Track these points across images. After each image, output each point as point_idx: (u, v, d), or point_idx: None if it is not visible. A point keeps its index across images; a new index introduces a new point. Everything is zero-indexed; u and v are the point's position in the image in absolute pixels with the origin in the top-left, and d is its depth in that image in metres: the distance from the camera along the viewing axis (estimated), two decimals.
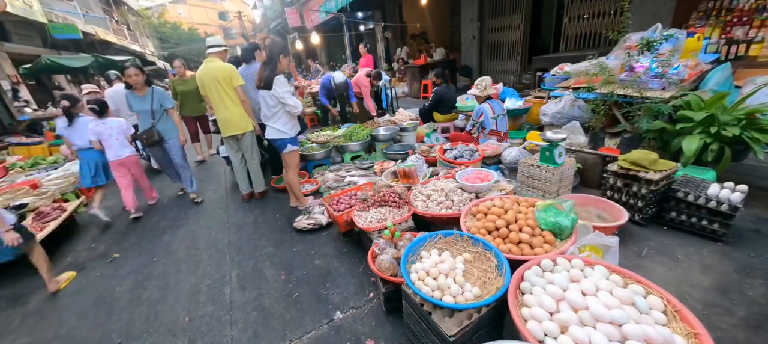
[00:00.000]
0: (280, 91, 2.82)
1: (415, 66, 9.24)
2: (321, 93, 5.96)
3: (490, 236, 1.82)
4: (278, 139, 3.07)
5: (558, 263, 1.50)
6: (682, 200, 2.42)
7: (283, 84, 2.84)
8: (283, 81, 2.84)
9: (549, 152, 2.80)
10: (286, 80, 2.88)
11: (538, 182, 2.92)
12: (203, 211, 3.85)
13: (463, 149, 3.31)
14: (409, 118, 5.71)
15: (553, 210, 1.86)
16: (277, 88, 2.82)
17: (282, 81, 2.84)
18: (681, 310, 1.21)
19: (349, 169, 4.30)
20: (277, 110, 2.95)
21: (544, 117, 3.94)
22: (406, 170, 2.77)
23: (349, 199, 2.82)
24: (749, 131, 2.47)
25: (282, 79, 2.85)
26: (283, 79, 2.86)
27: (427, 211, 2.33)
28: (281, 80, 2.84)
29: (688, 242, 2.35)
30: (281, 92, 2.82)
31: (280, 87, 2.82)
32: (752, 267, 2.08)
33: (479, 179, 2.43)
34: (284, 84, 2.85)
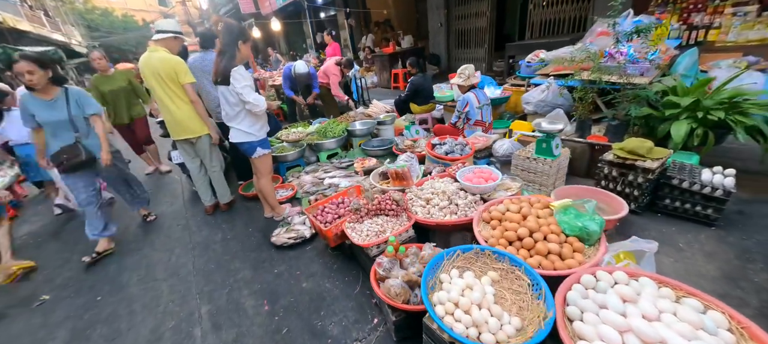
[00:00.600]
0: (238, 86, 2.36)
1: (384, 55, 8.90)
2: (285, 85, 5.44)
3: (512, 247, 1.61)
4: (245, 142, 2.63)
5: (599, 277, 1.33)
6: (677, 187, 2.42)
7: (243, 77, 2.38)
8: (243, 74, 2.38)
9: (546, 143, 2.68)
10: (246, 73, 2.42)
11: (535, 176, 2.81)
12: (157, 230, 3.28)
13: (453, 143, 3.10)
14: (385, 110, 5.42)
15: (573, 212, 1.70)
16: (236, 82, 2.36)
17: (242, 74, 2.38)
18: (748, 327, 1.07)
19: (327, 169, 3.92)
20: (240, 108, 2.50)
21: (528, 106, 3.86)
22: (399, 171, 2.49)
23: (336, 208, 2.48)
24: (732, 114, 2.52)
25: (242, 71, 2.39)
26: (243, 72, 2.40)
27: (430, 218, 2.08)
28: (241, 73, 2.38)
29: (685, 230, 2.35)
30: (240, 87, 2.37)
31: (238, 81, 2.36)
32: (749, 250, 2.10)
33: (482, 179, 2.22)
34: (244, 77, 2.39)
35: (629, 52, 3.36)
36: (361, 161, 4.01)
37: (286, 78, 5.34)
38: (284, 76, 5.33)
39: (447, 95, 4.84)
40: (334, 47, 8.15)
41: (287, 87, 5.46)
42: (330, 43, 8.15)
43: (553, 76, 3.81)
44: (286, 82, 5.40)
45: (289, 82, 5.39)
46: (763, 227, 2.29)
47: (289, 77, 5.24)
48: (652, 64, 3.26)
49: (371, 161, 3.99)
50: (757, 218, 2.36)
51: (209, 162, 3.20)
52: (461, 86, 3.65)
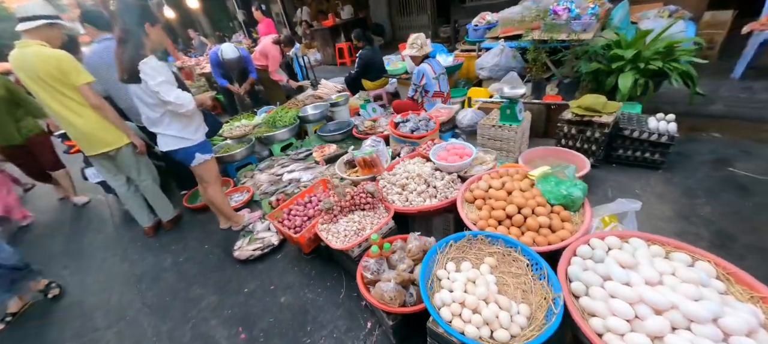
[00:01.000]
0: (152, 82, 1.88)
1: (324, 28, 8.30)
2: (215, 73, 4.74)
3: (502, 227, 1.55)
4: (179, 149, 2.20)
5: (594, 245, 1.32)
6: (628, 137, 2.57)
7: (157, 71, 1.89)
8: (155, 67, 1.89)
9: (510, 109, 2.67)
10: (161, 64, 1.94)
11: (501, 143, 2.81)
12: (87, 266, 2.74)
13: (417, 119, 2.96)
14: (336, 90, 5.08)
15: (554, 179, 1.68)
16: (149, 78, 1.88)
17: (154, 67, 1.89)
18: (734, 273, 1.13)
19: (283, 163, 3.58)
20: (162, 110, 2.05)
21: (482, 71, 3.83)
22: (367, 158, 2.30)
23: (304, 208, 2.24)
24: (668, 62, 2.70)
25: (154, 63, 1.89)
26: (156, 64, 1.90)
27: (410, 206, 1.95)
28: (153, 66, 1.88)
29: (637, 176, 2.53)
30: (155, 84, 1.89)
31: (152, 77, 1.88)
32: (692, 188, 2.33)
33: (457, 156, 2.13)
34: (158, 71, 1.90)
35: (572, 9, 3.44)
36: (319, 149, 3.72)
37: (214, 65, 4.63)
38: (212, 62, 4.61)
39: (399, 67, 4.65)
40: (267, 24, 7.20)
41: (218, 75, 4.76)
42: (261, 19, 7.17)
43: (503, 39, 3.80)
44: (216, 69, 4.69)
45: (220, 70, 4.70)
46: (699, 164, 2.55)
47: (218, 63, 4.55)
48: (593, 19, 3.37)
49: (331, 148, 3.73)
50: (693, 157, 2.62)
51: (138, 176, 2.69)
52: (414, 56, 3.47)
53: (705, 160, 2.58)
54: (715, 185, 2.31)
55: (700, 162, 2.57)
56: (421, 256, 1.68)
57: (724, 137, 2.82)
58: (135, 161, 2.62)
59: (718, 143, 2.77)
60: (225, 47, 4.28)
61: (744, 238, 1.87)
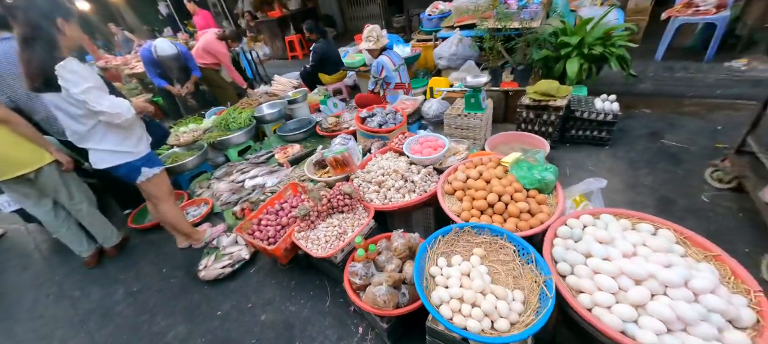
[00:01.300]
0: (76, 89, 1.58)
1: (271, 20, 7.81)
2: (150, 73, 4.18)
3: (485, 216, 1.59)
4: (120, 165, 1.91)
5: (571, 225, 1.40)
6: (579, 118, 2.79)
7: (81, 75, 1.60)
8: (77, 70, 1.59)
9: (474, 98, 2.73)
10: (84, 67, 1.64)
11: (468, 131, 2.88)
12: (15, 311, 2.31)
13: (383, 113, 2.92)
14: (291, 86, 4.83)
15: (526, 165, 1.75)
16: (70, 84, 1.57)
17: (76, 70, 1.58)
18: (690, 236, 1.27)
19: (243, 169, 3.32)
20: (92, 122, 1.74)
21: (441, 60, 3.88)
22: (339, 158, 2.21)
23: (276, 217, 2.09)
24: (607, 47, 2.96)
25: (75, 65, 1.59)
26: (77, 66, 1.60)
27: (390, 203, 1.92)
28: (74, 69, 1.58)
29: (588, 153, 2.77)
30: (79, 92, 1.59)
31: (75, 83, 1.58)
32: (634, 160, 2.60)
33: (431, 148, 2.13)
34: (83, 74, 1.61)
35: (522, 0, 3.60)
36: (282, 150, 3.53)
37: (149, 63, 4.06)
38: (145, 61, 4.04)
39: (357, 59, 4.54)
40: (204, 16, 6.35)
41: (154, 75, 4.19)
42: (196, 11, 6.24)
43: (458, 28, 3.87)
44: (151, 68, 4.11)
45: (156, 69, 4.14)
46: (636, 138, 2.86)
47: (153, 62, 4.02)
48: (539, 7, 3.57)
49: (294, 148, 3.55)
50: (631, 132, 2.93)
51: (69, 200, 2.31)
52: (372, 49, 3.40)
53: (641, 134, 2.90)
54: (652, 157, 2.60)
55: (638, 136, 2.87)
56: (407, 254, 1.67)
57: (654, 112, 3.19)
58: (62, 182, 2.24)
59: (649, 118, 3.12)
60: (159, 43, 3.79)
61: (681, 201, 2.14)
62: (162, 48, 3.70)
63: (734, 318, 1.01)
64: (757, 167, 1.92)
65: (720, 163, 2.20)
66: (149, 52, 3.86)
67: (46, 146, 2.13)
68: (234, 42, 4.63)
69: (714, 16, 3.35)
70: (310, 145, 3.67)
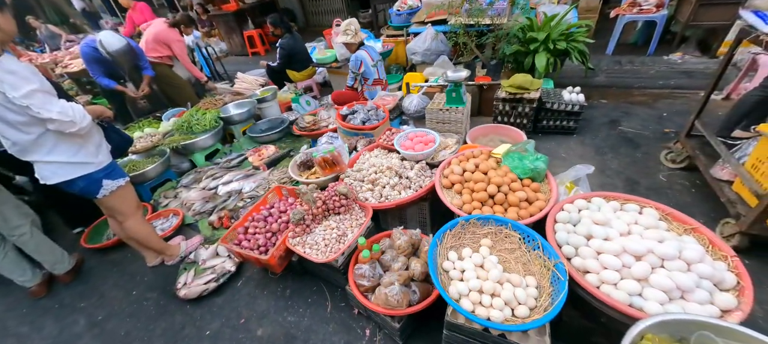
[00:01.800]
0: (16, 93, 1.34)
1: (227, 13, 7.30)
2: (94, 72, 3.65)
3: (487, 207, 1.63)
4: (76, 179, 1.65)
5: (568, 210, 1.48)
6: (549, 109, 2.96)
7: (21, 75, 1.36)
8: (16, 68, 1.35)
9: (455, 93, 2.78)
10: (24, 65, 1.40)
11: (449, 125, 2.93)
12: None
13: (365, 109, 2.87)
14: (258, 84, 4.57)
15: (517, 155, 1.82)
16: (9, 87, 1.33)
17: (13, 69, 1.35)
18: (671, 212, 1.41)
19: (214, 174, 3.08)
20: (39, 130, 1.49)
21: (415, 56, 3.91)
22: (328, 158, 2.13)
23: (265, 224, 1.96)
24: (570, 43, 3.18)
25: (13, 64, 1.36)
26: (16, 66, 1.36)
27: (388, 201, 1.89)
28: (10, 67, 1.34)
29: (559, 142, 2.96)
30: (20, 95, 1.34)
31: (14, 86, 1.33)
32: (600, 146, 2.83)
33: (422, 143, 2.13)
34: (24, 74, 1.37)
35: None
36: (256, 153, 3.32)
37: (92, 61, 3.53)
38: (88, 58, 3.53)
39: (328, 55, 4.41)
40: (142, 9, 5.26)
41: (99, 74, 3.66)
42: (132, 5, 5.19)
43: (430, 24, 3.92)
44: (96, 66, 3.58)
45: (102, 67, 3.66)
46: (598, 126, 3.11)
47: (97, 59, 3.50)
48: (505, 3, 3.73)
49: (269, 149, 3.37)
50: (593, 120, 3.18)
51: (5, 224, 1.96)
52: (350, 44, 3.33)
53: (602, 122, 3.16)
54: (615, 142, 2.85)
55: (599, 125, 3.13)
56: (410, 250, 1.66)
57: (609, 102, 3.49)
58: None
59: (606, 107, 3.42)
60: (105, 37, 3.30)
61: (643, 181, 2.37)
62: (109, 42, 3.25)
63: (719, 281, 1.14)
64: (705, 148, 2.18)
65: (673, 145, 2.47)
66: (92, 49, 3.38)
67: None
68: (187, 28, 4.19)
69: (655, 14, 3.75)
70: (286, 145, 3.51)
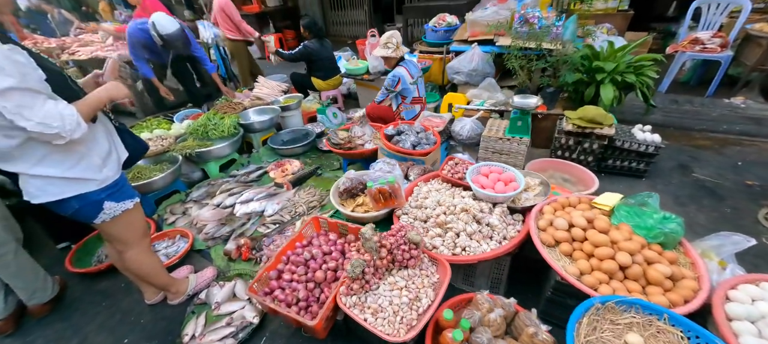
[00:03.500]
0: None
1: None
2: (137, 56, 3.28)
3: (617, 283, 1.23)
4: (68, 200, 1.23)
5: (736, 298, 1.09)
6: (619, 148, 2.62)
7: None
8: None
9: (521, 121, 2.43)
10: (4, 50, 0.97)
11: (507, 157, 2.57)
12: None
13: (414, 131, 2.50)
14: (280, 89, 4.21)
15: (634, 211, 1.44)
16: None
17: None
18: None
19: (231, 189, 2.65)
20: (23, 135, 1.07)
21: (458, 76, 3.58)
22: (387, 189, 1.73)
23: (306, 270, 1.54)
24: (639, 76, 2.87)
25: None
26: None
27: (470, 255, 1.49)
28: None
29: (628, 186, 2.60)
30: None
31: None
32: (677, 195, 2.47)
33: (502, 182, 1.74)
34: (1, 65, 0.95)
35: (540, 19, 3.45)
36: (278, 167, 2.92)
37: (138, 45, 3.17)
38: (134, 40, 3.15)
39: (360, 66, 4.07)
40: (153, 3, 4.45)
41: (142, 60, 3.33)
42: (137, 2, 4.43)
43: (476, 43, 3.61)
44: (140, 51, 3.23)
45: (146, 53, 3.27)
46: (668, 170, 2.77)
47: (146, 44, 3.14)
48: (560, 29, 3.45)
49: (294, 165, 2.97)
50: (659, 163, 2.83)
51: None
52: (389, 58, 2.99)
53: (670, 167, 2.82)
54: (693, 192, 2.50)
55: (669, 169, 2.79)
56: (504, 329, 1.25)
57: (671, 144, 3.16)
58: None
59: (670, 149, 3.07)
60: (159, 19, 2.89)
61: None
62: (163, 25, 2.84)
63: None
64: None
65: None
66: (142, 30, 2.98)
67: None
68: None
69: (719, 54, 3.48)
70: (312, 161, 3.12)
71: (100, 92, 1.22)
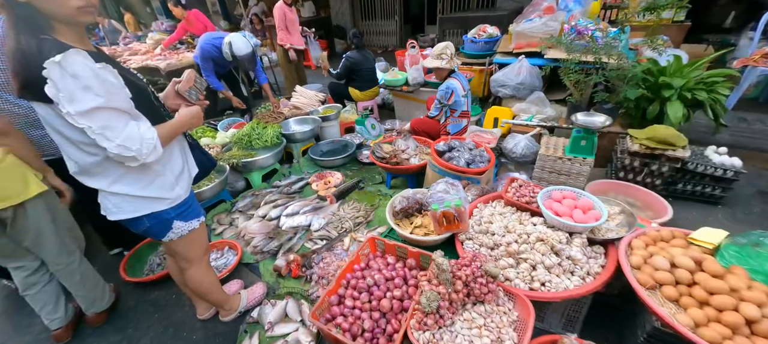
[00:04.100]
0: (72, 107, 0.90)
1: None
2: (206, 68, 3.37)
3: (741, 338, 1.06)
4: (141, 218, 1.21)
5: None
6: (690, 171, 2.40)
7: (85, 82, 0.90)
8: (81, 71, 0.90)
9: (586, 141, 2.27)
10: (95, 66, 0.93)
11: (566, 178, 2.41)
12: None
13: (465, 147, 2.39)
14: (317, 99, 4.21)
15: (748, 252, 1.26)
16: (66, 99, 0.89)
17: (79, 72, 0.89)
18: None
19: (275, 201, 2.63)
20: (101, 155, 1.05)
21: (503, 89, 3.45)
22: (452, 213, 1.62)
23: (369, 297, 1.45)
24: (712, 93, 2.64)
25: (79, 64, 0.89)
26: (82, 66, 0.90)
27: (552, 292, 1.35)
28: (76, 69, 0.89)
29: (701, 213, 2.37)
30: (78, 112, 0.91)
31: (71, 97, 0.90)
32: (760, 225, 2.22)
33: (577, 208, 1.59)
34: (88, 82, 0.91)
35: (595, 33, 3.28)
36: (321, 179, 2.88)
37: (209, 58, 3.27)
38: (205, 54, 3.27)
39: (399, 78, 4.01)
40: (197, 16, 4.75)
41: (211, 72, 3.43)
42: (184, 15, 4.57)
43: (524, 55, 3.47)
44: (210, 64, 3.34)
45: (214, 66, 3.38)
46: (747, 197, 2.51)
47: (216, 58, 3.23)
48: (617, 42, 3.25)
49: (336, 177, 2.92)
50: (739, 189, 2.57)
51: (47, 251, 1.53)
52: (440, 69, 2.90)
53: (748, 193, 2.56)
54: None
55: (747, 196, 2.53)
56: None
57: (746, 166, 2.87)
58: (51, 226, 1.49)
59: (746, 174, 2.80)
60: (236, 41, 2.96)
61: None
62: (239, 47, 2.92)
63: None
64: None
65: None
66: (215, 47, 3.08)
67: (41, 169, 1.42)
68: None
69: None
70: (353, 173, 3.06)
71: (183, 119, 1.21)
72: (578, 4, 4.07)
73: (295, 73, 5.08)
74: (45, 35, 0.92)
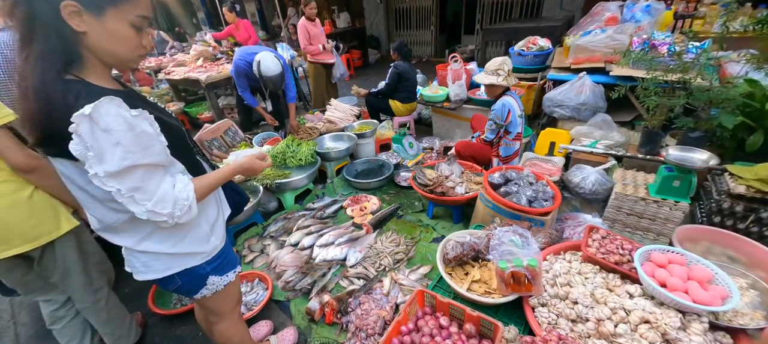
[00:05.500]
0: (101, 168, 0.73)
1: None
2: (241, 84, 3.26)
3: None
4: (172, 277, 1.03)
5: None
6: None
7: (117, 139, 0.73)
8: (114, 125, 0.72)
9: (680, 181, 1.89)
10: (129, 119, 0.75)
11: (650, 223, 2.02)
12: None
13: (523, 179, 2.07)
14: (352, 113, 4.03)
15: None
16: (95, 159, 0.72)
17: (111, 125, 0.72)
18: None
19: (308, 226, 2.45)
20: (129, 214, 0.86)
21: (560, 109, 3.07)
22: (522, 274, 1.33)
23: None
24: None
25: (112, 116, 0.72)
26: (116, 118, 0.73)
27: None
28: (108, 122, 0.72)
29: None
30: (105, 174, 0.74)
31: (100, 157, 0.72)
32: None
33: (691, 279, 1.24)
34: (120, 138, 0.73)
35: (672, 46, 2.85)
36: (356, 204, 2.67)
37: (242, 74, 3.14)
38: (239, 71, 3.12)
39: (440, 93, 3.75)
40: (246, 27, 5.29)
41: (245, 88, 3.30)
42: (235, 21, 5.19)
43: (585, 72, 3.09)
44: (243, 80, 3.21)
45: (248, 82, 3.26)
46: None
47: (248, 75, 3.11)
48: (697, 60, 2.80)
49: (372, 202, 2.70)
50: None
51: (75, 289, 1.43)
52: (495, 86, 2.61)
53: None
54: None
55: None
56: None
57: None
58: (77, 258, 1.38)
59: None
60: (265, 59, 2.82)
61: None
62: (268, 67, 2.79)
63: None
64: None
65: None
66: (247, 64, 3.01)
67: (72, 204, 1.33)
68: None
69: None
70: (389, 198, 2.83)
71: (234, 169, 1.08)
72: (647, 15, 3.64)
73: (325, 89, 4.95)
74: (70, 75, 0.76)
